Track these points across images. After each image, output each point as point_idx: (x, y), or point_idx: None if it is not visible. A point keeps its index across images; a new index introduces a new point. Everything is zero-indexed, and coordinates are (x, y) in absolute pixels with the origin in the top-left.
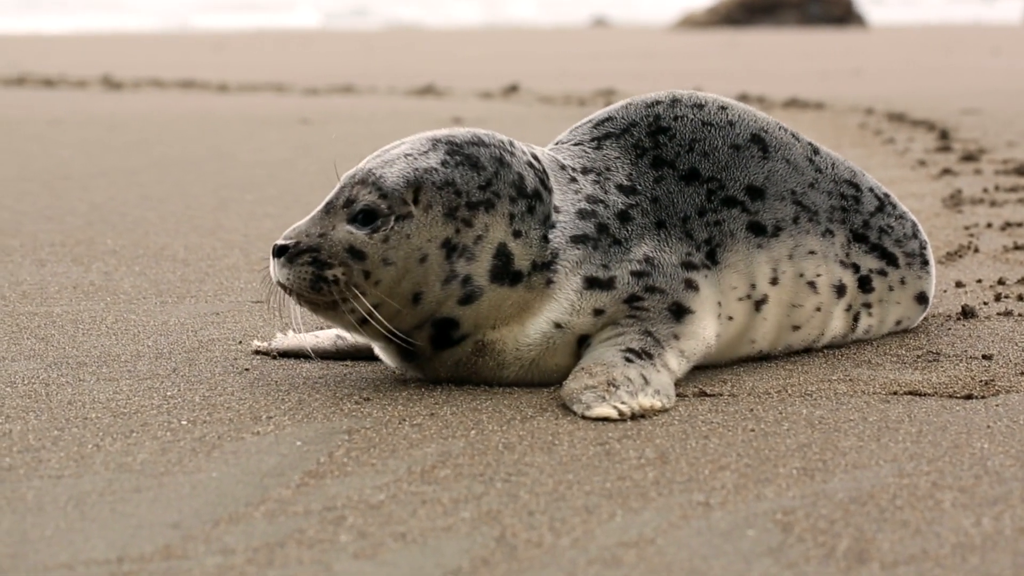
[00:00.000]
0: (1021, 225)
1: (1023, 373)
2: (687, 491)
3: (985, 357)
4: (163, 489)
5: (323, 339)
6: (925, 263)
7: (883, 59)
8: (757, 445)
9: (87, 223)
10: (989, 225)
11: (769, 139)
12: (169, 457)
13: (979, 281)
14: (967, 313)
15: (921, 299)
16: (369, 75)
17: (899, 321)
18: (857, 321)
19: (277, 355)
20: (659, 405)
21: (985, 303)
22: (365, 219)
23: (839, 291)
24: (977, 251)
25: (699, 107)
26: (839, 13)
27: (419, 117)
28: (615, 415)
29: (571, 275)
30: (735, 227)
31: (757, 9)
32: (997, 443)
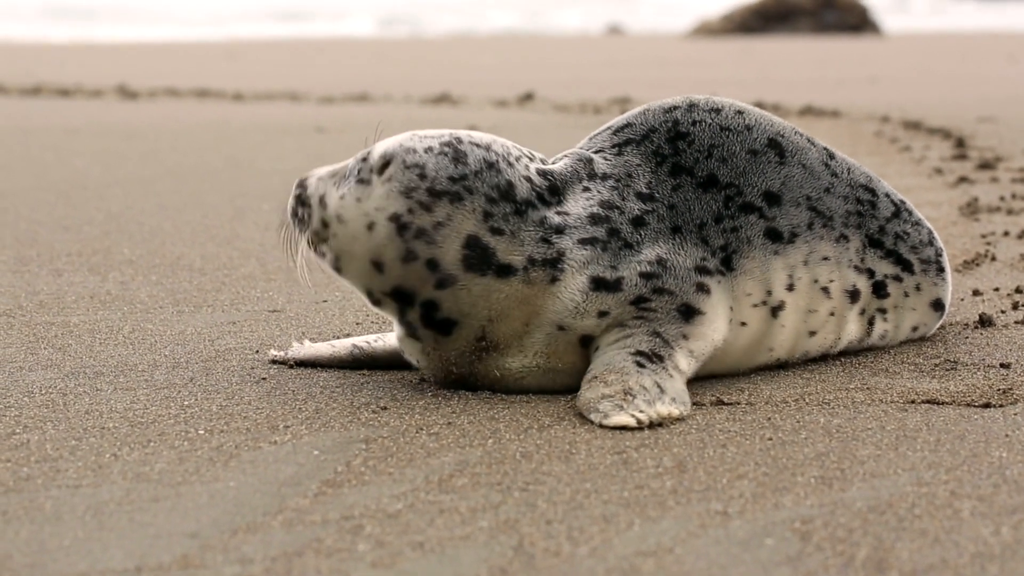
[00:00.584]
0: None
1: None
2: (705, 500)
3: (1003, 366)
4: (181, 499)
5: (339, 348)
6: (941, 270)
7: (899, 67)
8: (775, 454)
9: (104, 232)
10: (1006, 233)
11: (786, 144)
12: (187, 466)
13: (996, 289)
14: (984, 322)
15: (937, 306)
16: (384, 83)
17: (915, 327)
18: (872, 325)
19: (294, 364)
20: (676, 413)
21: (1003, 311)
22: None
23: (852, 296)
24: (994, 259)
25: (716, 111)
26: (854, 21)
27: (434, 126)
28: (633, 423)
29: (577, 274)
30: (752, 233)
31: (772, 17)
32: (1016, 452)
